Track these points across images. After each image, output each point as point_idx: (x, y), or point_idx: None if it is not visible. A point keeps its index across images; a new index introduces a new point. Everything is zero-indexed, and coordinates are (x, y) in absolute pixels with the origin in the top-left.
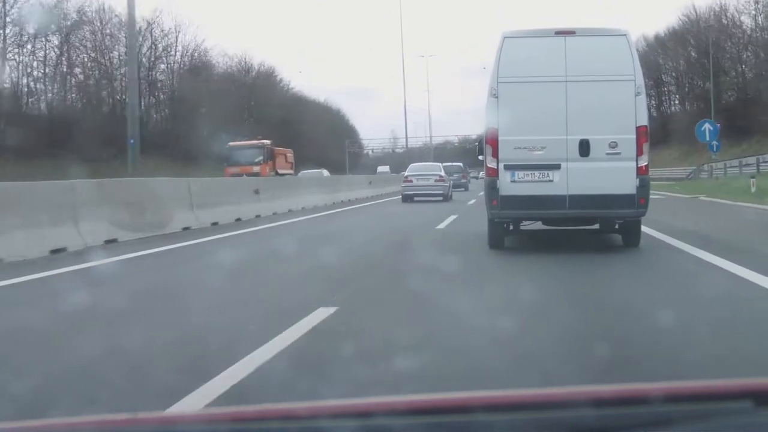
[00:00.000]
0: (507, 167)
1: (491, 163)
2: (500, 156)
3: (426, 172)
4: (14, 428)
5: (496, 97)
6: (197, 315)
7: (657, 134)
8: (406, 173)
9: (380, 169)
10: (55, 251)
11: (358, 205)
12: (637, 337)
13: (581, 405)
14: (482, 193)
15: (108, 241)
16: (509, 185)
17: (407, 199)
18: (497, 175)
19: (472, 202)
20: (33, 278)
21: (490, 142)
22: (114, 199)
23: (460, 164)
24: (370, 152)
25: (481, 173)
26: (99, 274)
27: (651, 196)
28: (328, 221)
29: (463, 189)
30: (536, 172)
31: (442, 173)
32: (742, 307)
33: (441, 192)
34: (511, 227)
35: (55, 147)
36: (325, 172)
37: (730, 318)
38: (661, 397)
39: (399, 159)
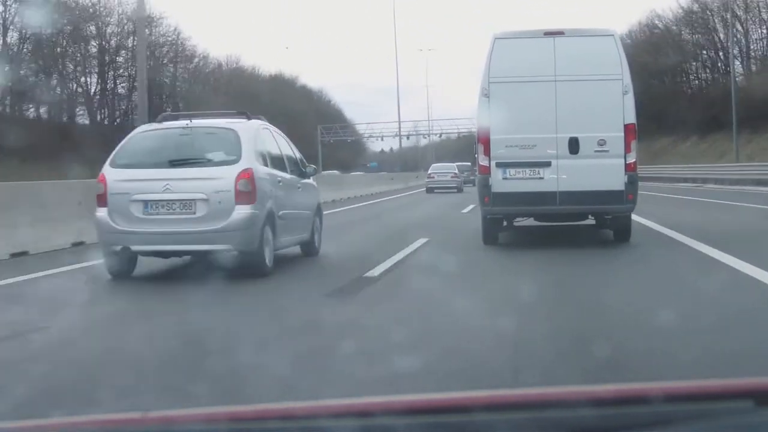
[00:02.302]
0: (499, 165)
1: (483, 161)
2: (492, 154)
3: (444, 171)
4: (14, 428)
5: (488, 97)
6: None
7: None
8: (429, 171)
9: None
10: None
11: None
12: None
13: (581, 405)
14: None
15: None
16: (501, 182)
17: (430, 191)
18: (489, 173)
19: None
20: None
21: (482, 141)
22: None
23: (469, 164)
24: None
25: None
26: None
27: None
28: None
29: (471, 185)
30: (527, 170)
31: (456, 171)
32: None
33: (455, 185)
34: (505, 223)
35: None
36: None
37: None
38: (661, 396)
39: (394, 157)
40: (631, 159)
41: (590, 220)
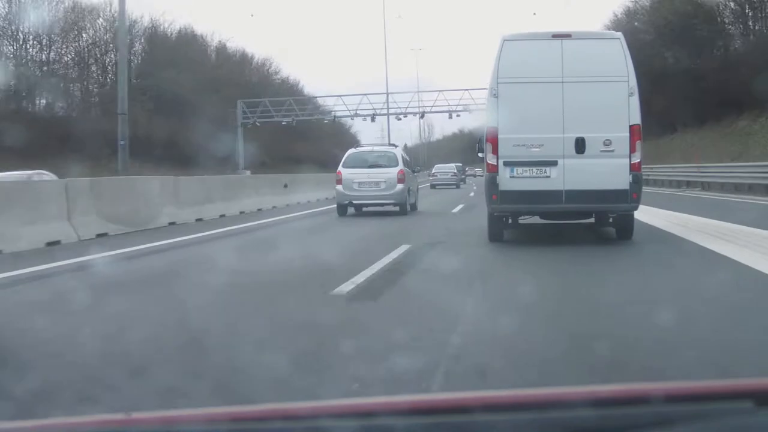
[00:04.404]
0: (506, 164)
1: (491, 160)
2: (500, 153)
3: (445, 170)
4: (14, 428)
5: (496, 97)
6: None
7: None
8: (432, 171)
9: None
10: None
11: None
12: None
13: (581, 405)
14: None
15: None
16: (508, 181)
17: (433, 187)
18: (497, 171)
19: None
20: None
21: (490, 140)
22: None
23: (461, 164)
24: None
25: (476, 170)
26: None
27: None
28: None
29: (463, 183)
30: (534, 169)
31: (456, 171)
32: None
33: (455, 182)
34: (510, 221)
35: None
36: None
37: None
38: (661, 397)
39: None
40: (636, 159)
41: (591, 219)
